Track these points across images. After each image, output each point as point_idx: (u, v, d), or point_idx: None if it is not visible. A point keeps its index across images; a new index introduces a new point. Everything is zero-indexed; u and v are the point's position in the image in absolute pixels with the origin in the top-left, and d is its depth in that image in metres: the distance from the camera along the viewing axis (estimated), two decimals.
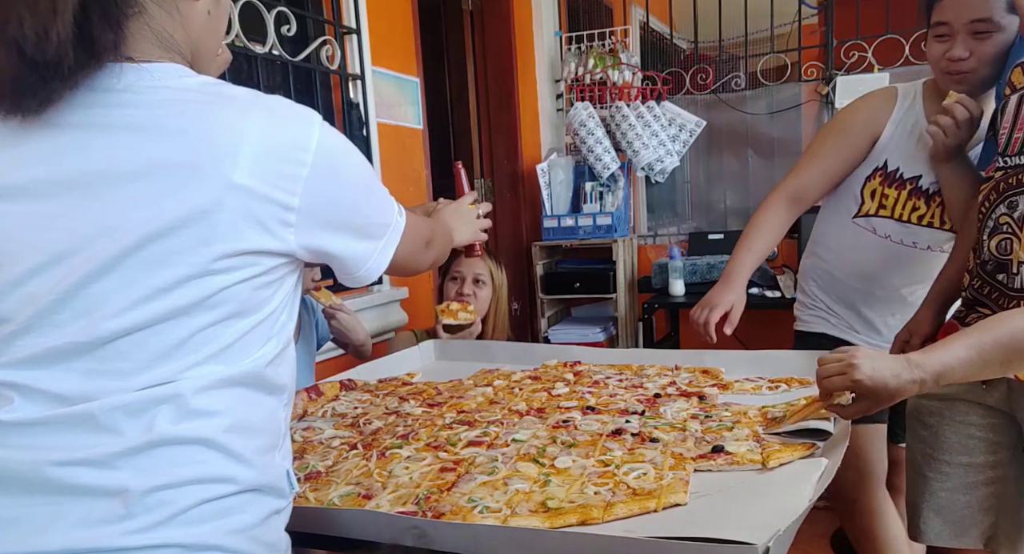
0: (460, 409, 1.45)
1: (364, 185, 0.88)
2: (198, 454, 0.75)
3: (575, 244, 3.52)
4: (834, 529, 2.84)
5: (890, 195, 1.70)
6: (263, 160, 0.75)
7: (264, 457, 0.81)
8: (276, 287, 0.82)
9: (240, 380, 0.79)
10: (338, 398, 1.59)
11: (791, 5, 3.49)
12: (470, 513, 0.98)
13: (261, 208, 0.76)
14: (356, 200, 0.87)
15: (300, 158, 0.78)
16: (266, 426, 0.83)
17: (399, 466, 1.16)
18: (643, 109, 3.55)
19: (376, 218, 0.91)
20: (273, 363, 0.83)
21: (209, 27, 0.86)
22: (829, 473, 1.02)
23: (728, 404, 1.40)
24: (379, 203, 0.92)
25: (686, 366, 1.68)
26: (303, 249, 0.82)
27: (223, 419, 0.77)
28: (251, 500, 0.79)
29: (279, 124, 0.78)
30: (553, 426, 1.31)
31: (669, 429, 1.25)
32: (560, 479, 1.08)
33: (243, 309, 0.78)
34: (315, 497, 1.09)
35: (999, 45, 1.50)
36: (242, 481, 0.78)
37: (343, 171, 0.84)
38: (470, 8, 3.70)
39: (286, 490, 0.85)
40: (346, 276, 0.91)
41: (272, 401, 0.84)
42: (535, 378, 1.67)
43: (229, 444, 0.77)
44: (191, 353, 0.75)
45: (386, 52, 2.78)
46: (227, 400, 0.78)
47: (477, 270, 2.26)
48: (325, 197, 0.81)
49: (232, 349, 0.78)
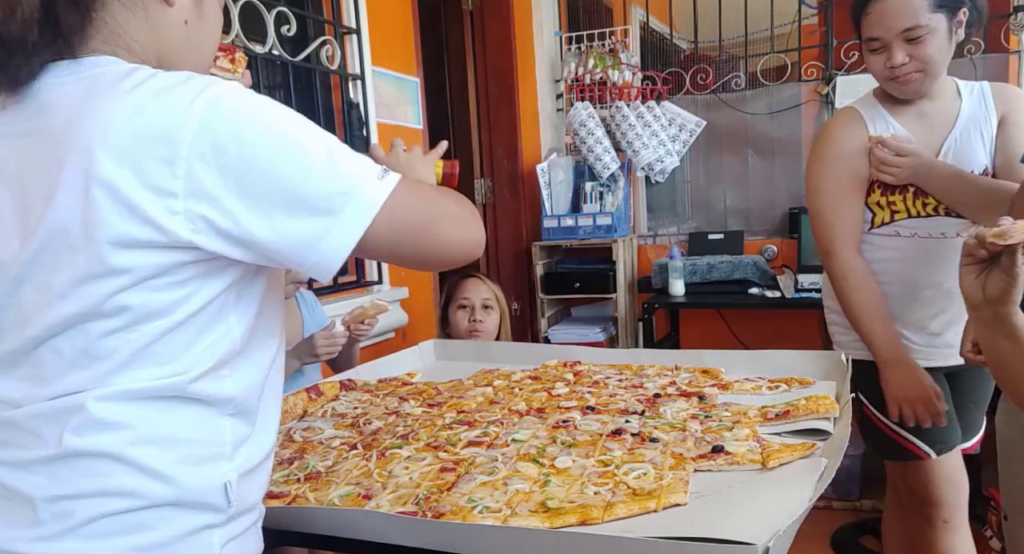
0: (460, 409, 1.45)
1: (287, 146, 0.71)
2: (102, 467, 0.72)
3: (575, 244, 3.51)
4: (834, 529, 2.84)
5: (896, 201, 1.71)
6: (131, 147, 0.67)
7: (190, 470, 0.75)
8: (192, 287, 0.73)
9: (155, 393, 0.74)
10: (338, 398, 1.59)
11: (791, 5, 3.49)
12: (470, 513, 0.98)
13: (138, 199, 0.67)
14: (274, 167, 0.70)
15: (175, 136, 0.68)
16: (197, 437, 0.77)
17: (399, 466, 1.16)
18: (643, 109, 3.55)
19: (318, 186, 0.71)
20: (211, 376, 0.76)
21: (187, 37, 0.82)
22: (829, 473, 1.02)
23: (728, 404, 1.40)
24: (321, 166, 0.72)
25: (686, 366, 1.68)
26: (210, 239, 0.70)
27: (130, 432, 0.73)
28: (167, 515, 0.74)
29: (152, 103, 0.69)
30: (553, 426, 1.31)
31: (669, 429, 1.25)
32: (560, 479, 1.08)
33: (147, 314, 0.72)
34: (315, 497, 1.09)
35: (936, 44, 1.55)
36: (152, 496, 0.73)
37: (247, 137, 0.69)
38: (470, 8, 3.69)
39: (221, 504, 0.77)
40: (300, 268, 0.75)
41: (207, 411, 0.77)
42: (535, 378, 1.67)
43: (139, 458, 0.73)
44: (98, 362, 0.72)
45: (386, 52, 2.78)
46: (137, 412, 0.73)
47: (484, 296, 2.29)
48: (221, 172, 0.68)
49: (143, 358, 0.73)
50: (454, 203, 0.83)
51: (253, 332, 0.80)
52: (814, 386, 1.47)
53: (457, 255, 0.83)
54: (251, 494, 0.83)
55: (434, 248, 0.80)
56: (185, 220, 0.69)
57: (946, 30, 1.57)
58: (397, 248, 0.79)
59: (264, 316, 0.82)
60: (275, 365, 0.87)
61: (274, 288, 0.85)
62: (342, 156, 0.74)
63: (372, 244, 0.75)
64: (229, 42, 2.07)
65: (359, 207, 0.73)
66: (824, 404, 1.27)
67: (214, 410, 0.78)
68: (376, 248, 0.76)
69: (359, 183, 0.73)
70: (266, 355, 0.84)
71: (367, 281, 2.74)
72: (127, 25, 0.78)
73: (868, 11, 1.60)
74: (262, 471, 0.86)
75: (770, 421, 1.27)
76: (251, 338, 0.80)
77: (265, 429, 0.86)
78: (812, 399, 1.31)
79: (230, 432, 0.79)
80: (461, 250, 0.83)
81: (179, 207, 0.68)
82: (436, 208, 0.81)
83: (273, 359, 0.86)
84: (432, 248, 0.80)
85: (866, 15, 1.60)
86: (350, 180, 0.73)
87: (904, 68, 1.59)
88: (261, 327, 0.82)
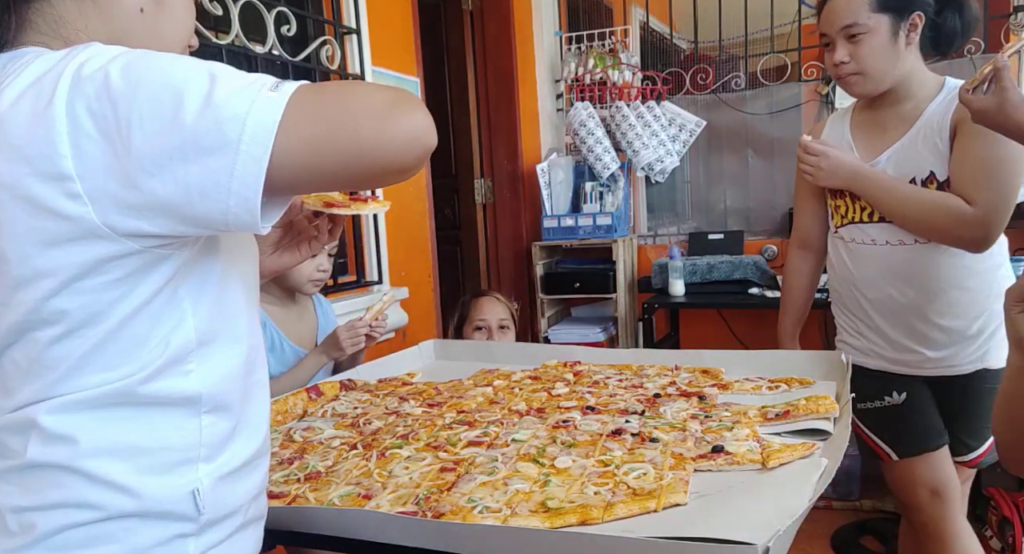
0: (460, 409, 1.45)
1: (163, 89, 0.63)
2: (61, 478, 0.70)
3: (575, 244, 3.51)
4: (834, 529, 2.84)
5: (840, 204, 1.75)
6: (16, 139, 0.63)
7: (154, 479, 0.72)
8: (129, 285, 0.68)
9: (105, 400, 0.70)
10: (338, 398, 1.59)
11: (791, 5, 3.48)
12: (470, 513, 0.98)
13: (36, 192, 0.63)
14: (156, 114, 0.62)
15: (51, 114, 0.62)
16: (163, 443, 0.73)
17: (399, 466, 1.16)
18: (643, 109, 3.55)
19: (205, 119, 0.62)
20: (168, 373, 0.72)
21: (144, 26, 0.78)
22: (829, 473, 1.02)
23: (728, 404, 1.40)
24: (201, 97, 0.62)
25: (686, 366, 1.68)
26: (121, 217, 0.64)
27: (82, 445, 0.70)
28: (131, 527, 0.72)
29: (28, 89, 0.65)
30: (553, 426, 1.31)
31: (669, 429, 1.25)
32: (560, 479, 1.08)
33: (87, 317, 0.68)
34: (315, 497, 1.08)
35: (873, 46, 1.59)
36: (113, 508, 0.71)
37: (121, 93, 0.62)
38: (470, 8, 3.70)
39: (190, 513, 0.74)
40: (230, 222, 0.65)
41: (172, 414, 0.74)
42: (535, 378, 1.67)
43: (95, 469, 0.70)
44: (48, 371, 0.69)
45: (386, 52, 2.78)
46: (87, 423, 0.70)
47: (501, 316, 2.31)
48: (104, 138, 0.62)
49: (91, 363, 0.69)
50: (376, 91, 0.68)
51: (216, 322, 0.76)
52: (814, 386, 1.47)
53: (396, 153, 0.67)
54: (234, 497, 0.79)
55: (363, 152, 0.66)
56: (88, 201, 0.63)
57: (888, 32, 1.57)
58: (320, 164, 0.65)
59: (228, 303, 0.78)
60: (254, 355, 0.83)
61: (235, 272, 0.80)
62: (225, 79, 0.64)
63: (289, 169, 0.64)
64: (229, 42, 2.07)
65: (256, 127, 0.62)
66: (824, 404, 1.27)
67: (182, 411, 0.74)
68: (296, 174, 0.65)
69: (248, 101, 0.63)
70: (239, 345, 0.79)
71: (367, 281, 2.74)
72: (68, 14, 0.75)
73: (822, 8, 1.66)
74: (253, 470, 0.83)
75: (770, 421, 1.27)
76: (215, 328, 0.76)
77: (253, 424, 0.82)
78: (812, 399, 1.31)
79: (207, 432, 0.76)
80: (400, 145, 0.67)
81: (77, 188, 0.63)
82: (352, 103, 0.66)
83: (250, 348, 0.82)
84: (361, 153, 0.66)
85: (821, 13, 1.67)
86: (238, 101, 0.62)
87: (843, 67, 1.62)
88: (227, 314, 0.78)
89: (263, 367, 0.87)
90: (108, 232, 0.65)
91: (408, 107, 0.68)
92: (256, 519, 0.86)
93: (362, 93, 0.67)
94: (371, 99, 0.67)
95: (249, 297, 0.84)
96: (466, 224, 3.90)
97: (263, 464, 0.86)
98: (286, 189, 0.67)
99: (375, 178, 0.70)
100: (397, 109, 0.67)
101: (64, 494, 0.71)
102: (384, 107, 0.67)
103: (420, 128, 0.68)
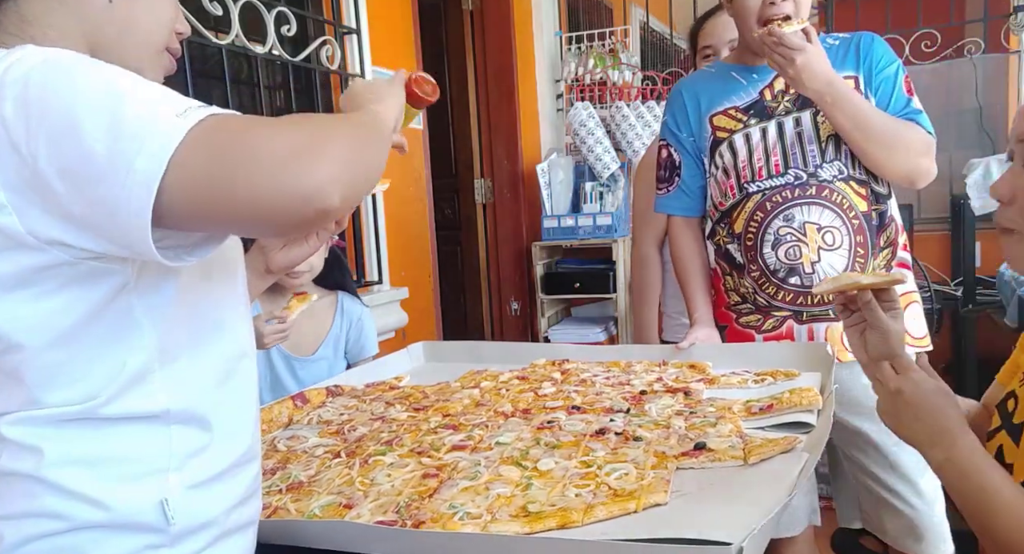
0: (446, 412, 1.44)
1: (77, 106, 0.60)
2: (29, 487, 0.70)
3: (575, 244, 3.52)
4: (834, 529, 2.83)
5: None
6: None
7: (122, 489, 0.71)
8: (66, 298, 0.66)
9: (65, 418, 0.70)
10: (324, 405, 1.58)
11: None
12: (450, 520, 0.97)
13: None
14: (64, 131, 0.60)
15: None
16: (132, 454, 0.72)
17: (381, 473, 1.15)
18: (643, 109, 3.55)
19: (109, 140, 0.59)
20: (130, 394, 0.71)
21: (114, 18, 0.77)
22: (809, 467, 1.02)
23: (713, 399, 1.39)
24: (106, 117, 0.60)
25: (673, 362, 1.67)
26: (50, 228, 0.62)
27: (48, 455, 0.69)
28: (99, 538, 0.71)
29: None
30: (537, 427, 1.31)
31: (653, 427, 1.25)
32: (542, 482, 1.08)
33: (24, 331, 0.67)
34: (296, 508, 1.06)
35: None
36: (79, 518, 0.70)
37: (34, 107, 0.61)
38: (470, 8, 3.70)
39: (159, 523, 0.72)
40: (134, 246, 0.62)
41: (139, 426, 0.72)
42: (523, 378, 1.66)
43: (61, 480, 0.70)
44: (5, 383, 0.69)
45: (386, 52, 2.78)
46: (52, 435, 0.70)
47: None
48: (17, 150, 0.61)
49: (44, 380, 0.69)
50: (287, 132, 0.62)
51: (183, 338, 0.75)
52: (799, 378, 1.46)
53: (284, 209, 0.60)
54: (210, 506, 0.77)
55: (254, 200, 0.60)
56: (12, 210, 0.62)
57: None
58: (212, 201, 0.60)
59: (199, 317, 0.77)
60: (232, 363, 0.82)
61: (211, 285, 0.78)
62: (133, 99, 0.61)
63: (179, 204, 0.60)
64: (229, 42, 2.08)
65: (151, 152, 0.58)
66: (807, 396, 1.27)
67: (149, 425, 0.73)
68: (188, 209, 0.61)
69: (150, 124, 0.59)
70: (211, 358, 0.78)
71: (367, 281, 2.75)
72: (38, 11, 0.74)
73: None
74: (232, 477, 0.80)
75: (754, 415, 1.27)
76: (182, 344, 0.75)
77: (231, 430, 0.81)
78: (796, 392, 1.30)
79: (177, 442, 0.74)
80: (288, 202, 0.60)
81: (2, 198, 0.62)
82: (254, 144, 0.60)
83: (227, 361, 0.80)
84: (252, 200, 0.60)
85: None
86: (140, 124, 0.59)
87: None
88: (198, 329, 0.77)
89: (246, 371, 0.85)
90: (34, 241, 0.63)
91: (312, 157, 0.60)
92: (242, 527, 0.84)
93: (268, 135, 0.62)
94: (274, 143, 0.61)
95: (231, 304, 0.82)
96: (466, 224, 3.91)
97: (248, 470, 0.84)
98: (183, 222, 0.63)
99: (274, 228, 0.68)
100: (299, 159, 0.60)
101: (31, 504, 0.70)
102: (286, 154, 0.60)
103: (317, 186, 0.60)
